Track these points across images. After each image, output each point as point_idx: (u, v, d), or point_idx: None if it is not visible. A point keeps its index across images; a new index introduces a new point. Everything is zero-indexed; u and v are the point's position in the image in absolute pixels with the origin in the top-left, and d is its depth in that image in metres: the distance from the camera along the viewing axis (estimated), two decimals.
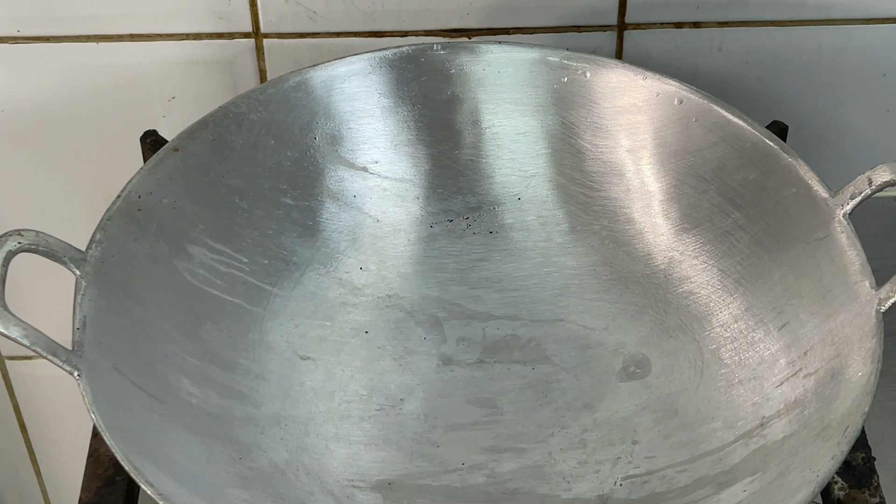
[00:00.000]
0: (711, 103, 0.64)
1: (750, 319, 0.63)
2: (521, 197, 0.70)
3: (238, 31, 0.73)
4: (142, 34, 0.72)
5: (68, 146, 0.77)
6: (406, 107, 0.68)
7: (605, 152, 0.68)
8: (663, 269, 0.67)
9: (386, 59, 0.67)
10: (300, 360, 0.65)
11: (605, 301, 0.68)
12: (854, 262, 0.57)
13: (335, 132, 0.68)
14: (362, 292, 0.68)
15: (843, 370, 0.56)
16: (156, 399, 0.57)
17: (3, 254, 0.54)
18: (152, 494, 0.51)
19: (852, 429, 0.52)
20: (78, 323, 0.55)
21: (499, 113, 0.69)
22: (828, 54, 0.74)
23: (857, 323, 0.56)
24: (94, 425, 0.58)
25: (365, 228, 0.69)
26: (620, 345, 0.66)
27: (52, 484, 0.99)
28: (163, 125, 0.73)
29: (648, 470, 0.61)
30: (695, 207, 0.66)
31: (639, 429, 0.63)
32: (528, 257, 0.69)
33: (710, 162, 0.65)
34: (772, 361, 0.61)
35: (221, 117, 0.65)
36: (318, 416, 0.63)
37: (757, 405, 0.60)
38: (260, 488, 0.58)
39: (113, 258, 0.58)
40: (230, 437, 0.60)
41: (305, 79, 0.66)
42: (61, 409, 0.93)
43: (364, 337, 0.67)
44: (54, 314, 0.64)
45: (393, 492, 0.61)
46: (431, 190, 0.69)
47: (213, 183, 0.64)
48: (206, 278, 0.63)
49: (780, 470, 0.55)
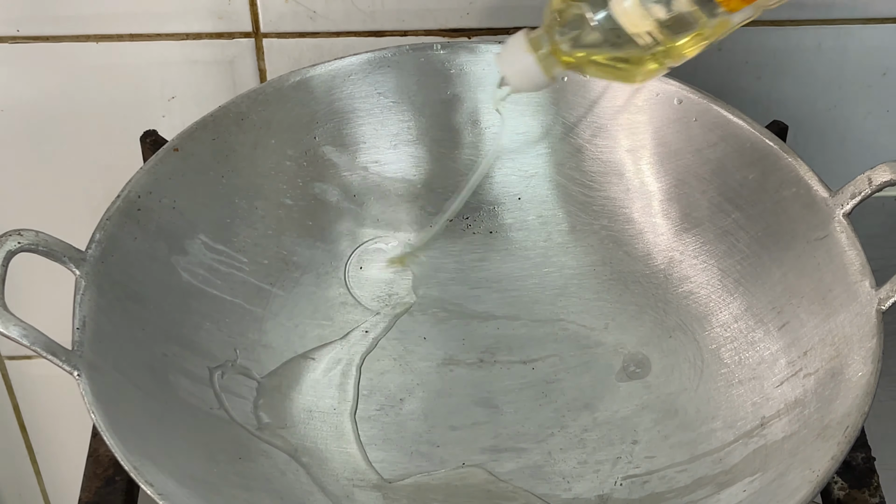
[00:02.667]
0: (711, 103, 0.64)
1: (750, 319, 0.63)
2: (521, 197, 0.70)
3: (238, 31, 0.73)
4: (142, 34, 0.72)
5: (68, 146, 0.77)
6: (406, 107, 0.68)
7: (605, 152, 0.68)
8: (663, 269, 0.67)
9: (386, 59, 0.67)
10: (300, 360, 0.65)
11: (604, 301, 0.68)
12: (854, 262, 0.57)
13: (335, 132, 0.68)
14: (362, 292, 0.68)
15: (843, 370, 0.56)
16: (156, 399, 0.57)
17: (3, 254, 0.54)
18: (152, 494, 0.51)
19: (852, 429, 0.52)
20: (78, 323, 0.55)
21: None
22: (828, 54, 0.74)
23: (857, 323, 0.56)
24: (94, 425, 0.58)
25: (365, 228, 0.69)
26: (620, 345, 0.66)
27: (52, 484, 0.99)
28: (163, 125, 0.73)
29: (648, 470, 0.61)
30: (695, 207, 0.66)
31: (639, 429, 0.63)
32: (528, 257, 0.69)
33: (710, 162, 0.65)
34: (772, 361, 0.61)
35: (221, 117, 0.65)
36: (317, 416, 0.63)
37: (757, 405, 0.60)
38: (260, 488, 0.58)
39: (112, 258, 0.58)
40: (230, 437, 0.60)
41: (305, 78, 0.66)
42: (61, 409, 0.93)
43: (364, 336, 0.67)
44: (54, 314, 0.64)
45: (393, 492, 0.61)
46: (431, 190, 0.69)
47: (212, 183, 0.64)
48: (205, 278, 0.63)
49: (780, 470, 0.55)
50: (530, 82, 0.61)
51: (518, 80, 0.62)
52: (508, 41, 0.61)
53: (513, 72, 0.61)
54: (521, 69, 0.61)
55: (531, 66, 0.60)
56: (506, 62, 0.62)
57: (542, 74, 0.61)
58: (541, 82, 0.61)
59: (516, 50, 0.61)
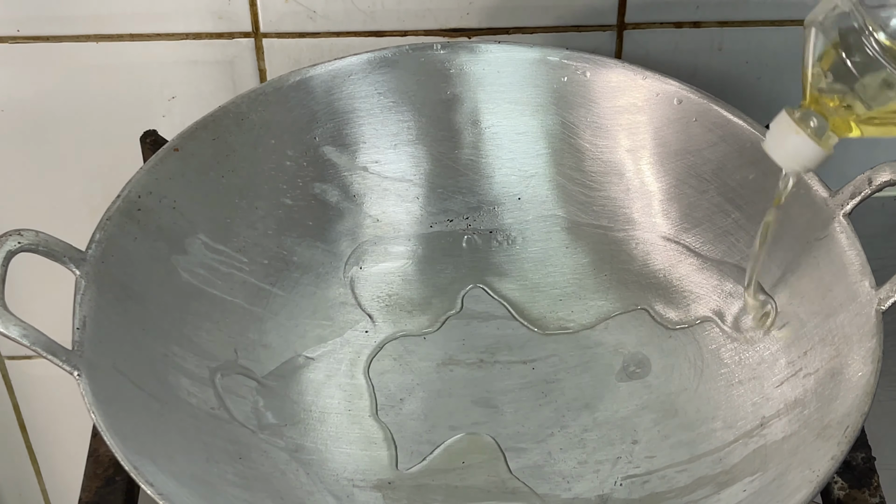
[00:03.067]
0: (711, 103, 0.64)
1: (750, 319, 0.63)
2: (521, 197, 0.70)
3: (238, 31, 0.73)
4: (142, 34, 0.72)
5: (68, 146, 0.77)
6: (406, 107, 0.68)
7: (605, 152, 0.68)
8: (663, 269, 0.67)
9: (386, 59, 0.67)
10: (300, 360, 0.65)
11: (604, 301, 0.68)
12: (854, 262, 0.57)
13: (335, 132, 0.68)
14: (362, 292, 0.68)
15: (843, 370, 0.56)
16: (156, 399, 0.57)
17: (3, 254, 0.54)
18: (152, 494, 0.51)
19: (852, 429, 0.52)
20: (78, 323, 0.55)
21: (499, 113, 0.69)
22: None
23: (857, 323, 0.56)
24: (94, 425, 0.58)
25: (365, 228, 0.69)
26: (620, 345, 0.66)
27: (52, 484, 0.99)
28: (163, 125, 0.73)
29: (648, 470, 0.61)
30: (695, 207, 0.66)
31: (639, 429, 0.63)
32: (528, 257, 0.69)
33: (710, 162, 0.65)
34: (772, 361, 0.61)
35: (221, 117, 0.65)
36: (317, 416, 0.63)
37: (757, 405, 0.60)
38: (260, 488, 0.58)
39: (113, 258, 0.58)
40: (230, 437, 0.60)
41: (305, 79, 0.66)
42: (61, 409, 0.92)
43: (364, 336, 0.67)
44: (54, 314, 0.64)
45: (393, 492, 0.61)
46: (431, 190, 0.69)
47: (212, 183, 0.64)
48: (205, 278, 0.63)
49: (780, 470, 0.55)
50: (811, 161, 0.56)
51: (797, 163, 0.56)
52: (772, 126, 0.57)
53: (787, 156, 0.56)
54: (796, 152, 0.56)
55: (806, 145, 0.55)
56: (778, 149, 0.57)
57: (820, 149, 0.55)
58: (820, 157, 0.56)
59: (785, 132, 0.56)
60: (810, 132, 0.55)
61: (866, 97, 0.53)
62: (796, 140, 0.55)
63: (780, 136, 0.56)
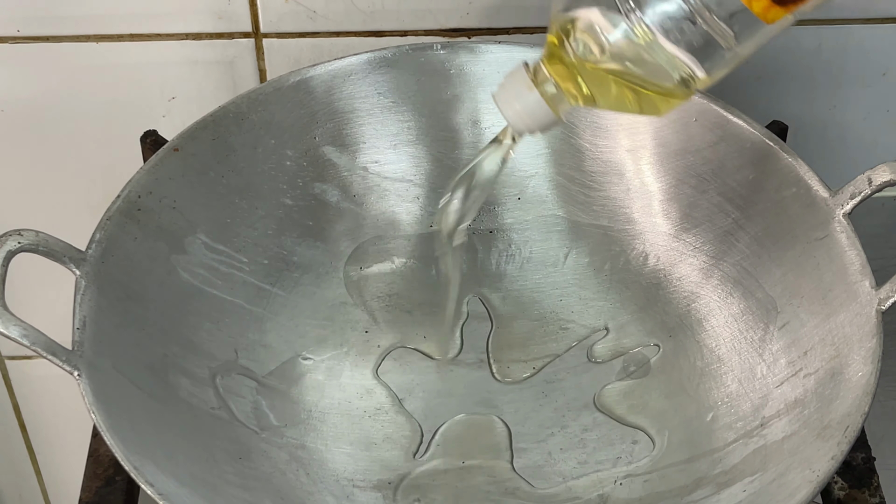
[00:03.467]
0: (711, 103, 0.64)
1: (750, 319, 0.63)
2: (521, 197, 0.70)
3: (238, 31, 0.73)
4: (142, 34, 0.72)
5: (68, 146, 0.77)
6: (406, 107, 0.68)
7: (605, 152, 0.68)
8: (663, 269, 0.67)
9: (386, 59, 0.67)
10: (300, 360, 0.65)
11: (604, 301, 0.68)
12: (854, 262, 0.57)
13: (335, 132, 0.68)
14: (362, 292, 0.68)
15: (843, 370, 0.56)
16: (156, 399, 0.57)
17: (3, 254, 0.54)
18: (152, 494, 0.51)
19: (852, 429, 0.52)
20: (78, 323, 0.55)
21: (499, 113, 0.68)
22: (828, 54, 0.74)
23: (857, 323, 0.56)
24: (94, 425, 0.58)
25: (365, 228, 0.69)
26: (620, 344, 0.66)
27: (52, 484, 0.99)
28: (163, 125, 0.73)
29: (648, 470, 0.61)
30: (695, 207, 0.66)
31: (638, 429, 0.63)
32: (528, 257, 0.69)
33: (710, 162, 0.65)
34: (772, 361, 0.61)
35: (221, 117, 0.65)
36: (317, 416, 0.63)
37: (757, 405, 0.60)
38: (260, 488, 0.58)
39: (113, 258, 0.58)
40: (230, 437, 0.60)
41: (305, 79, 0.66)
42: (61, 409, 0.93)
43: (364, 336, 0.67)
44: (54, 314, 0.64)
45: (393, 492, 0.61)
46: (431, 190, 0.69)
47: (212, 183, 0.64)
48: (205, 278, 0.63)
49: (780, 470, 0.55)
50: (536, 123, 0.55)
51: (522, 122, 0.55)
52: (506, 79, 0.55)
53: (514, 112, 0.55)
54: (525, 108, 0.54)
55: (535, 103, 0.54)
56: (506, 101, 0.55)
57: (550, 113, 0.54)
58: (549, 122, 0.55)
59: (517, 86, 0.54)
60: (547, 96, 0.53)
61: (583, 52, 0.52)
62: (531, 98, 0.54)
63: (515, 91, 0.54)
